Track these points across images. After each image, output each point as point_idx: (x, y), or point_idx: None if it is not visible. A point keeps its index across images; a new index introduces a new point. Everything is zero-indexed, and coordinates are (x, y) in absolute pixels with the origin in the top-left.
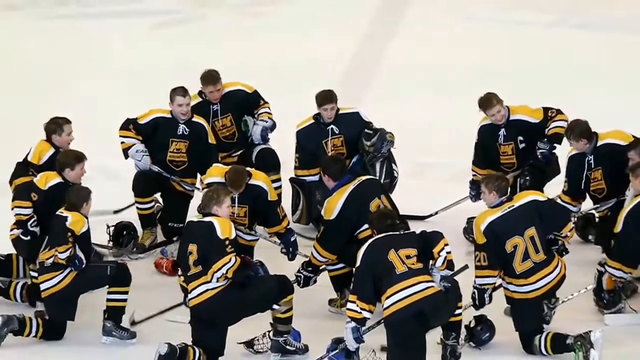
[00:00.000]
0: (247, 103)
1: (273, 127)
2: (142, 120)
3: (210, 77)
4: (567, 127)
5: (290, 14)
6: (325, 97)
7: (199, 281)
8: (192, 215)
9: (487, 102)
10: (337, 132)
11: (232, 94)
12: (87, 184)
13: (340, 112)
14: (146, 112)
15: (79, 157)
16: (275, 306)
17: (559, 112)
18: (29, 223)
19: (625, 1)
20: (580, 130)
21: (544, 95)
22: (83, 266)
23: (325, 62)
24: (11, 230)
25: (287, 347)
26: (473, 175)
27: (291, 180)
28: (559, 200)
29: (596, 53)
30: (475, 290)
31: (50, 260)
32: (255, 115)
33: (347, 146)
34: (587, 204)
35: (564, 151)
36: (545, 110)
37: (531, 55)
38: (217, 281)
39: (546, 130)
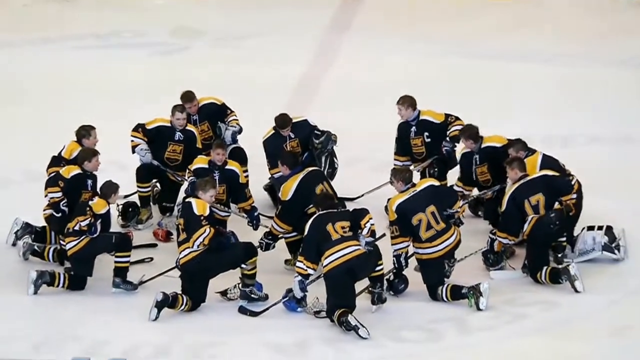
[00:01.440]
0: (218, 112)
1: (240, 131)
2: (148, 126)
3: (186, 97)
4: (462, 129)
5: (256, 46)
6: (281, 126)
7: (185, 246)
8: (181, 197)
9: (398, 100)
10: (292, 137)
11: (207, 106)
12: (103, 174)
13: (294, 121)
14: (152, 119)
15: (94, 152)
16: (243, 265)
17: (457, 118)
18: (61, 204)
19: (501, 36)
20: (469, 133)
21: (442, 105)
22: (96, 234)
23: (282, 81)
24: (44, 210)
25: (252, 295)
26: (395, 161)
27: (271, 180)
28: (455, 187)
29: (476, 76)
30: (394, 258)
31: (77, 227)
32: (226, 122)
33: (301, 146)
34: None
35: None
36: (447, 115)
37: (430, 76)
38: (198, 247)
39: (448, 132)
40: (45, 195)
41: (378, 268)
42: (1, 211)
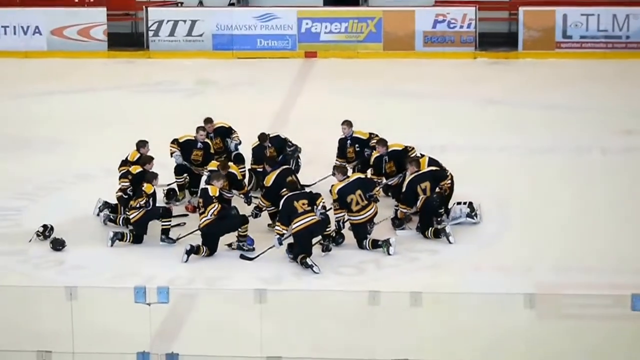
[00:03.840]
0: (226, 132)
1: (240, 143)
2: (180, 140)
3: (207, 121)
4: (377, 140)
5: (247, 90)
6: (262, 139)
7: (202, 216)
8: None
9: (342, 122)
10: (270, 146)
11: (219, 128)
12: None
13: (271, 136)
14: (182, 135)
15: (151, 158)
16: (239, 229)
17: (376, 135)
18: (127, 190)
19: (405, 83)
20: (383, 144)
21: (369, 127)
22: (149, 208)
23: (264, 113)
24: (116, 192)
25: (244, 247)
26: (336, 161)
27: (249, 170)
28: (369, 175)
29: (390, 108)
30: (335, 222)
31: (137, 205)
32: (231, 138)
33: (276, 151)
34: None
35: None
36: (371, 134)
37: (361, 109)
38: (210, 216)
39: (369, 143)
40: (119, 184)
41: (327, 229)
42: (88, 194)
